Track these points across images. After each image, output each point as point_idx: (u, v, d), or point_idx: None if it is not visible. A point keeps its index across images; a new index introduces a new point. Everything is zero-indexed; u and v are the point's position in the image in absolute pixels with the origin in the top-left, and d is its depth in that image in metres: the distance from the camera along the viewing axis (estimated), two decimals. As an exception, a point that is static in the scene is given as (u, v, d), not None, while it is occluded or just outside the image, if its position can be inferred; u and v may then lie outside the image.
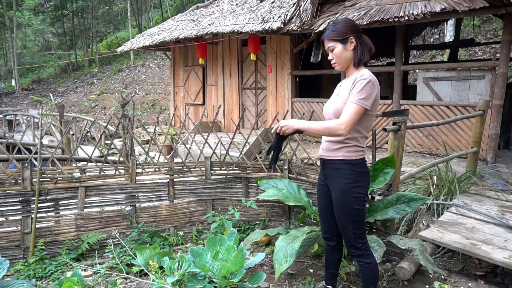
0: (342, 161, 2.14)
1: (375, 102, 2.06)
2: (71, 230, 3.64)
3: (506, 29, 5.37)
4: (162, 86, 18.76)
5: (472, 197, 3.88)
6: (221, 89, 9.77)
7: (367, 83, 1.99)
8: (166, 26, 10.47)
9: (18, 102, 21.57)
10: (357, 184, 2.12)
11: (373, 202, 3.06)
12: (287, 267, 2.48)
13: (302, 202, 3.38)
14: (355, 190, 2.12)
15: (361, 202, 2.14)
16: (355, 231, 2.17)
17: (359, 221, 2.17)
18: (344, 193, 2.13)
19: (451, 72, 6.24)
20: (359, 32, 2.10)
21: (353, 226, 2.16)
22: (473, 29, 14.11)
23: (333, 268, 2.46)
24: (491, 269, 2.94)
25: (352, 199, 2.12)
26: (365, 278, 2.21)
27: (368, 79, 1.99)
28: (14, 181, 3.49)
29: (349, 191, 2.12)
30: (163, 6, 27.63)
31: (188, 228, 4.03)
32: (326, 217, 2.36)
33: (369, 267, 2.18)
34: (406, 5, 5.74)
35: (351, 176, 2.12)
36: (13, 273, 3.25)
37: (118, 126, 4.54)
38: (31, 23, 28.35)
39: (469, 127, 5.64)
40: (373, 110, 2.08)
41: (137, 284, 2.92)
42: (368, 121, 2.11)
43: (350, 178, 2.12)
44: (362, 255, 2.19)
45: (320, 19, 6.68)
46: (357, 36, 2.09)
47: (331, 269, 2.47)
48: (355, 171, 2.13)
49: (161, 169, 3.97)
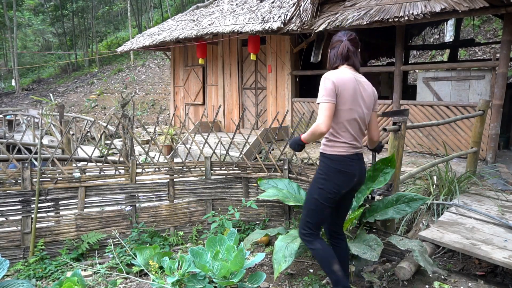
0: (320, 154, 2.35)
1: (341, 97, 2.18)
2: (71, 230, 3.64)
3: (506, 29, 5.36)
4: (162, 86, 18.76)
5: (472, 197, 3.88)
6: (221, 89, 9.77)
7: (321, 81, 2.20)
8: (166, 26, 10.47)
9: (18, 102, 21.57)
10: (326, 178, 2.25)
11: (373, 202, 3.06)
12: (286, 267, 2.49)
13: (302, 202, 3.38)
14: (321, 181, 2.27)
15: (324, 195, 2.26)
16: (306, 218, 2.34)
17: (314, 211, 2.30)
18: (313, 180, 2.34)
19: (451, 72, 6.24)
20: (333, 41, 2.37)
21: (307, 213, 2.34)
22: (473, 29, 14.11)
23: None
24: (491, 269, 2.93)
25: (316, 188, 2.29)
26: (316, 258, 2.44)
27: (322, 77, 2.20)
28: (14, 181, 3.49)
29: (317, 180, 2.30)
30: (163, 6, 27.63)
31: (188, 228, 4.03)
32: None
33: (313, 252, 2.35)
34: (406, 5, 5.74)
35: (323, 168, 2.28)
36: (13, 273, 3.25)
37: (118, 126, 4.55)
38: (31, 23, 28.34)
39: (469, 127, 5.64)
40: (342, 105, 2.19)
41: (137, 284, 2.92)
42: (339, 117, 2.21)
43: (321, 170, 2.29)
44: (306, 241, 2.36)
45: (320, 19, 6.68)
46: (332, 44, 2.36)
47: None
48: (328, 165, 2.26)
49: (161, 169, 3.97)
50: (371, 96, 2.34)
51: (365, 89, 2.30)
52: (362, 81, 2.31)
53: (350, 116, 2.22)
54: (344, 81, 2.19)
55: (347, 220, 2.98)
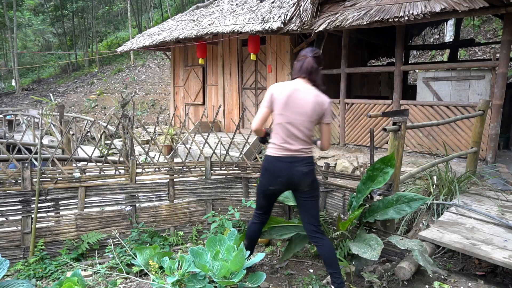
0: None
1: (274, 104, 2.54)
2: (71, 230, 3.64)
3: (506, 29, 5.36)
4: (162, 86, 18.76)
5: (472, 197, 3.88)
6: (221, 89, 9.77)
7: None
8: (166, 26, 10.47)
9: (18, 102, 21.57)
10: (261, 173, 2.67)
11: (373, 202, 3.06)
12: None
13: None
14: (261, 175, 2.69)
15: (259, 186, 2.72)
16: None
17: (256, 196, 2.82)
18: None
19: (451, 72, 6.24)
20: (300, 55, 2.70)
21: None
22: (473, 29, 14.10)
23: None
24: (491, 269, 2.93)
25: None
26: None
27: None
28: (14, 181, 3.49)
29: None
30: (163, 6, 27.63)
31: (188, 228, 4.03)
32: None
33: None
34: (406, 5, 5.74)
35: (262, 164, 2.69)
36: (13, 273, 3.25)
37: (118, 126, 4.55)
38: (31, 23, 28.32)
39: (469, 127, 5.64)
40: (275, 110, 2.55)
41: (137, 284, 2.92)
42: (274, 121, 2.58)
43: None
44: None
45: (320, 19, 6.68)
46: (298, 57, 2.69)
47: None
48: (263, 162, 2.66)
49: (161, 169, 3.97)
50: (312, 105, 2.50)
51: (304, 98, 2.50)
52: (306, 92, 2.53)
53: (280, 120, 2.52)
54: (281, 90, 2.53)
55: (347, 220, 2.98)
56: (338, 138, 7.56)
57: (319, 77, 2.59)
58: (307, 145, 2.55)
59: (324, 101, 2.54)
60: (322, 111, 2.54)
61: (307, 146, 2.55)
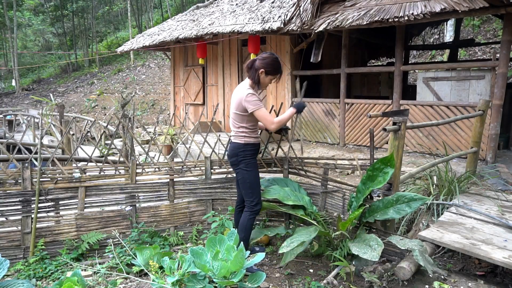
0: None
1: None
2: (71, 230, 3.64)
3: (506, 29, 5.37)
4: (162, 86, 18.77)
5: (472, 197, 3.88)
6: (221, 89, 9.77)
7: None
8: (166, 26, 10.47)
9: (18, 102, 21.57)
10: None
11: (373, 202, 3.06)
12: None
13: (302, 201, 3.39)
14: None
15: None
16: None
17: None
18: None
19: (451, 72, 6.24)
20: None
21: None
22: (473, 29, 14.11)
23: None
24: (491, 269, 2.93)
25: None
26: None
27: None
28: (14, 181, 3.49)
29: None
30: (163, 6, 27.64)
31: (188, 228, 4.03)
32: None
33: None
34: (406, 5, 5.74)
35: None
36: (13, 273, 3.25)
37: (118, 126, 4.55)
38: (31, 23, 28.33)
39: (469, 127, 5.64)
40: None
41: (137, 284, 2.92)
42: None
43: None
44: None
45: (320, 19, 6.68)
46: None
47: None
48: None
49: (161, 169, 3.97)
50: (235, 99, 3.09)
51: (233, 94, 3.13)
52: (237, 88, 3.14)
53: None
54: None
55: (347, 220, 2.98)
56: (338, 138, 7.56)
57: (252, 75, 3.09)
58: (235, 133, 3.15)
59: (242, 93, 3.01)
60: (241, 102, 3.01)
61: (235, 134, 3.15)
